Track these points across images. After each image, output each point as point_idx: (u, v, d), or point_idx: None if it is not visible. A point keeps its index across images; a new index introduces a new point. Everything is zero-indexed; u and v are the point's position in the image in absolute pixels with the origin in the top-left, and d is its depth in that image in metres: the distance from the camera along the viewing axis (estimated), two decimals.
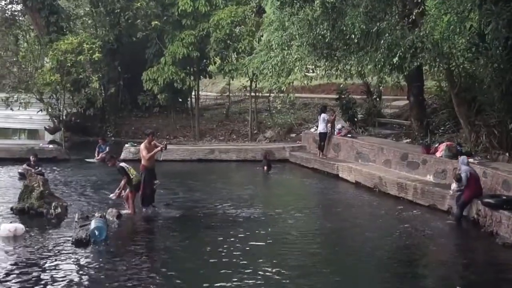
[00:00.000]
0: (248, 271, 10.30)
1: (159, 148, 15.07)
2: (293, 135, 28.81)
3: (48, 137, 33.71)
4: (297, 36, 20.30)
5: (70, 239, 11.95)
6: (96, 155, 24.80)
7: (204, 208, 15.66)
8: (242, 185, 20.15)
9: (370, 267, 11.05)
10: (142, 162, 15.05)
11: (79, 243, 11.61)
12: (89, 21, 36.98)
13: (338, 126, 23.40)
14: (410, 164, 18.25)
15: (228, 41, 28.69)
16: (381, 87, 26.80)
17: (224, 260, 10.94)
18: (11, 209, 14.33)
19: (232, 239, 12.43)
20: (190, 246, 12.04)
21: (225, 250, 11.51)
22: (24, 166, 19.86)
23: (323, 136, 22.75)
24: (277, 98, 29.50)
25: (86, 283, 9.83)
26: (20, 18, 39.85)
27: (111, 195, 14.93)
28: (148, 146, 15.02)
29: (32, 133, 41.04)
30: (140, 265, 10.63)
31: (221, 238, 12.56)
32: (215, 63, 32.00)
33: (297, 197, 18.30)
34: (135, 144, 24.65)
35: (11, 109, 32.16)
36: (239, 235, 12.76)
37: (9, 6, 39.45)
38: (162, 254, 11.64)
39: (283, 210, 15.51)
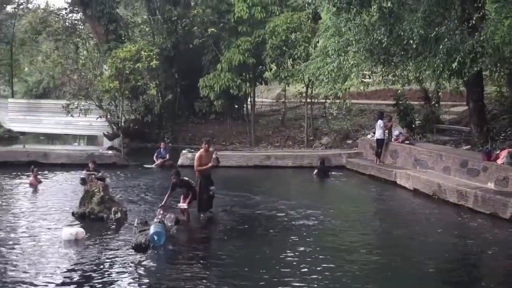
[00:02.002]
0: (305, 277, 10.22)
1: (210, 165, 15.02)
2: (350, 141, 28.61)
3: (107, 143, 34.42)
4: (353, 41, 20.22)
5: (129, 243, 12.09)
6: (154, 159, 25.10)
7: (260, 214, 15.62)
8: (298, 192, 20.07)
9: (432, 278, 10.76)
10: (197, 168, 15.11)
11: (139, 247, 11.73)
12: (147, 29, 37.61)
13: (395, 132, 23.14)
14: (470, 171, 17.83)
15: (284, 48, 28.73)
16: (439, 93, 26.39)
17: (280, 267, 10.86)
18: (73, 213, 14.61)
19: (288, 245, 12.36)
20: (246, 252, 12.02)
21: (281, 257, 11.45)
22: (85, 171, 20.30)
23: (380, 142, 22.52)
24: (333, 104, 29.34)
25: (142, 287, 9.93)
26: (80, 26, 40.82)
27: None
28: (204, 154, 15.07)
29: (91, 139, 42.00)
30: (196, 271, 10.67)
31: (277, 244, 12.52)
32: (270, 69, 32.09)
33: (354, 204, 18.06)
34: (192, 150, 24.91)
35: (72, 115, 32.95)
36: (295, 242, 12.67)
37: (70, 15, 40.48)
38: (218, 260, 11.62)
39: (339, 217, 15.39)
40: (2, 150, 26.63)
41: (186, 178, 14.70)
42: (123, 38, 35.92)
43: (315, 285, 9.87)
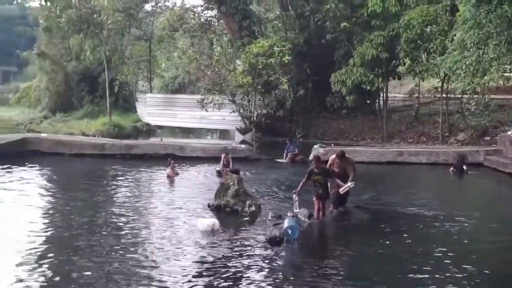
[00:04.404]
0: (437, 276, 9.88)
1: (347, 185, 14.69)
2: (488, 138, 27.46)
3: (239, 137, 35.04)
4: (494, 34, 19.37)
5: (263, 237, 12.20)
6: (285, 155, 25.27)
7: (393, 211, 15.31)
8: (433, 189, 19.50)
9: None
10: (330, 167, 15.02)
11: (273, 241, 11.80)
12: (279, 25, 37.86)
13: None
14: None
15: (419, 41, 28.03)
16: None
17: (412, 266, 10.54)
18: (208, 205, 14.94)
19: (420, 244, 12.00)
20: (377, 249, 11.78)
21: (412, 256, 11.10)
22: (221, 165, 20.79)
23: None
24: (470, 100, 28.26)
25: (276, 280, 9.99)
26: (215, 23, 41.78)
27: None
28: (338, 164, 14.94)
29: (223, 133, 43.01)
30: (329, 265, 10.61)
31: (409, 243, 12.19)
32: (404, 63, 31.34)
33: (491, 204, 17.25)
34: (324, 145, 24.84)
35: (206, 110, 33.82)
36: (428, 241, 12.30)
37: (205, 12, 41.54)
38: (350, 255, 11.50)
39: (475, 217, 14.67)
40: (141, 143, 27.90)
41: (326, 166, 14.56)
42: (256, 34, 36.43)
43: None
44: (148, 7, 52.88)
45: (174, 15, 44.81)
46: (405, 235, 12.97)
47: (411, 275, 10.03)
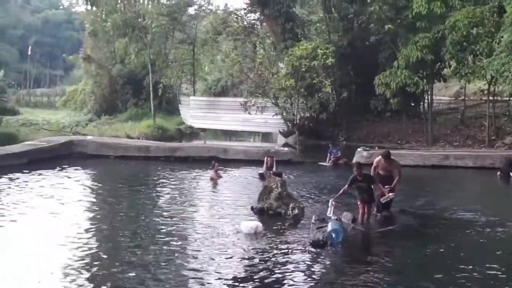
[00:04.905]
0: (489, 283, 9.68)
1: (388, 196, 14.58)
2: None
3: (281, 140, 35.02)
4: None
5: (306, 240, 12.15)
6: (328, 159, 25.15)
7: (438, 216, 15.08)
8: (479, 194, 19.19)
9: None
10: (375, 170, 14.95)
11: (316, 244, 11.74)
12: (323, 27, 37.74)
13: None
14: None
15: (465, 43, 27.54)
16: None
17: (459, 272, 10.35)
18: (252, 208, 14.93)
19: (470, 250, 11.80)
20: (422, 253, 11.63)
21: (458, 262, 10.89)
22: (264, 167, 20.78)
23: None
24: None
25: (318, 284, 9.92)
26: (258, 26, 41.86)
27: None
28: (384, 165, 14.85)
29: (265, 136, 43.01)
30: (373, 269, 10.49)
31: (455, 249, 11.98)
32: (450, 66, 30.88)
33: None
34: (367, 148, 24.64)
35: (249, 113, 33.89)
36: (479, 247, 12.07)
37: (248, 15, 41.67)
38: (394, 260, 11.35)
39: None
40: (185, 146, 28.13)
41: (368, 173, 14.47)
42: (299, 37, 36.40)
43: None
44: (191, 10, 53.37)
45: (217, 18, 45.14)
46: (454, 241, 12.71)
47: (462, 280, 9.86)
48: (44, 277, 9.68)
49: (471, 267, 10.57)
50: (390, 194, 14.40)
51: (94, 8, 51.79)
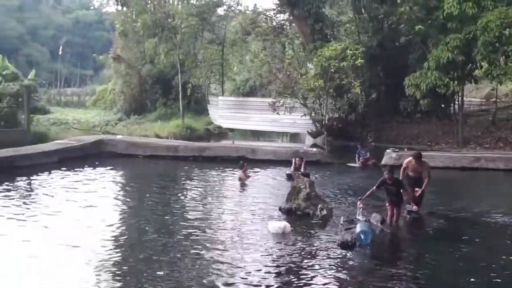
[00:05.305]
0: None
1: (414, 208, 14.62)
2: None
3: (309, 140, 34.91)
4: None
5: (335, 240, 12.11)
6: (356, 160, 25.01)
7: (467, 219, 14.94)
8: (510, 196, 18.92)
9: None
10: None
11: (345, 245, 11.70)
12: (352, 28, 37.53)
13: None
14: None
15: (497, 44, 27.14)
16: None
17: (487, 275, 10.21)
18: (280, 208, 14.93)
19: (502, 255, 11.62)
20: (450, 255, 11.51)
21: (487, 265, 10.74)
22: (292, 168, 20.72)
23: None
24: None
25: (347, 285, 9.89)
26: (287, 26, 41.81)
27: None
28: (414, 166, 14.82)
29: (294, 137, 42.94)
30: (402, 271, 10.49)
31: (485, 251, 11.84)
32: (481, 67, 30.49)
33: None
34: (397, 150, 24.45)
35: (277, 113, 33.87)
36: (509, 252, 11.89)
37: (277, 15, 41.65)
38: (423, 261, 11.26)
39: None
40: (214, 146, 28.22)
41: (398, 178, 14.38)
42: (328, 37, 36.26)
43: None
44: (220, 11, 53.41)
45: (246, 19, 45.15)
46: (487, 244, 12.59)
47: (497, 286, 9.73)
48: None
49: (507, 272, 10.45)
50: (414, 207, 14.69)
51: (125, 9, 52.13)
